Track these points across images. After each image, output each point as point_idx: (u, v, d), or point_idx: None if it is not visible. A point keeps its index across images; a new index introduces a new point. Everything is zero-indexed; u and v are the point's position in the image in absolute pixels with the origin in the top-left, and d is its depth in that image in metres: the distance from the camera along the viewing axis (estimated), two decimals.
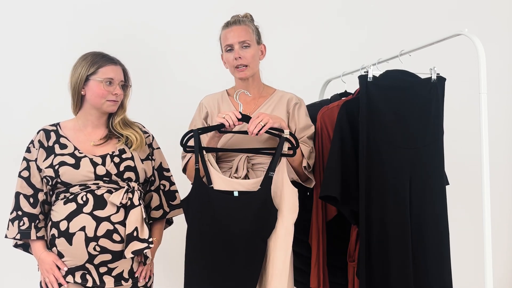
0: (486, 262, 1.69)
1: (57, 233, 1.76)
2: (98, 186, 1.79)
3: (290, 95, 2.05)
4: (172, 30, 2.88)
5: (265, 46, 2.05)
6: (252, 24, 2.01)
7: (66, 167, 1.78)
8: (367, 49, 2.97)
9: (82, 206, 1.75)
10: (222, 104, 2.04)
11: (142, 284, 1.87)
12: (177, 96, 2.85)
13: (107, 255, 1.75)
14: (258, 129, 1.76)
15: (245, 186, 1.82)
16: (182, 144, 1.86)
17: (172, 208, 1.99)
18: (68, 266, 1.76)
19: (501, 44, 3.27)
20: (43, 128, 1.90)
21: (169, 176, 2.02)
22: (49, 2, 2.74)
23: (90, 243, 1.73)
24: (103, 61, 1.85)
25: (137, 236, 1.76)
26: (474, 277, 2.80)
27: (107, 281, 1.77)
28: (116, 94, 1.85)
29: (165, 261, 2.76)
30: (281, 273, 1.78)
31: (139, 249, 1.75)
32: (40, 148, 1.85)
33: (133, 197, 1.80)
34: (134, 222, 1.77)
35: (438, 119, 1.94)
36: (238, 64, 1.95)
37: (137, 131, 1.92)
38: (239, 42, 1.95)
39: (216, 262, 1.78)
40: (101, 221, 1.74)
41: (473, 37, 1.74)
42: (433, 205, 1.89)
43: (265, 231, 1.80)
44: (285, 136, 1.81)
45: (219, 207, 1.78)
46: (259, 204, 1.77)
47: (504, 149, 3.27)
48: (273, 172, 1.80)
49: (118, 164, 1.82)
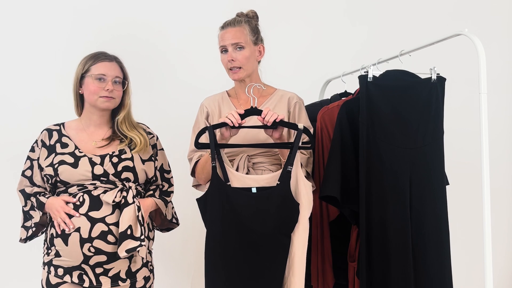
0: (486, 262, 1.69)
1: (55, 233, 1.78)
2: (95, 187, 1.79)
3: (291, 94, 2.05)
4: (172, 29, 2.88)
5: (263, 46, 2.04)
6: (248, 25, 1.99)
7: (65, 166, 1.79)
8: (367, 49, 2.97)
9: (78, 207, 1.76)
10: (222, 104, 2.04)
11: (141, 285, 1.86)
12: (179, 96, 2.86)
13: (102, 256, 1.75)
14: (274, 118, 1.75)
15: (260, 182, 1.79)
16: (196, 141, 1.82)
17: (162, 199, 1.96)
18: (65, 266, 1.76)
19: (501, 44, 3.28)
20: (46, 128, 1.92)
21: (169, 178, 2.03)
22: (50, 2, 2.74)
23: (84, 244, 1.73)
24: (96, 59, 1.86)
25: (131, 234, 1.75)
26: (474, 277, 2.80)
27: (104, 281, 1.77)
28: (108, 90, 1.84)
29: (165, 261, 2.77)
30: (300, 269, 1.77)
31: (133, 247, 1.74)
32: (42, 147, 1.87)
33: (128, 195, 1.79)
34: (127, 221, 1.76)
35: (438, 119, 1.94)
36: (231, 66, 1.96)
37: (141, 133, 1.92)
38: (232, 44, 1.95)
39: (239, 262, 1.75)
40: (95, 222, 1.74)
41: (473, 37, 1.74)
42: (433, 205, 1.89)
43: (289, 226, 1.78)
44: (301, 129, 1.79)
45: (239, 204, 1.75)
46: (280, 199, 1.75)
47: (504, 149, 3.27)
48: (291, 166, 1.77)
49: (116, 164, 1.82)
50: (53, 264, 1.78)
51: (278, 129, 1.82)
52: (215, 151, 1.78)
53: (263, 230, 1.74)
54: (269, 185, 1.78)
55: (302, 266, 1.78)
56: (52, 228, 1.80)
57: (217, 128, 1.81)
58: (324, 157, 2.03)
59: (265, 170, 1.92)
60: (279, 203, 1.75)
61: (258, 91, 2.02)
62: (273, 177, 1.79)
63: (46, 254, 1.82)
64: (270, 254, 1.76)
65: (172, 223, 2.05)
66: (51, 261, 1.79)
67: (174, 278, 2.85)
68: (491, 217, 1.70)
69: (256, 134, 1.90)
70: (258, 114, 1.80)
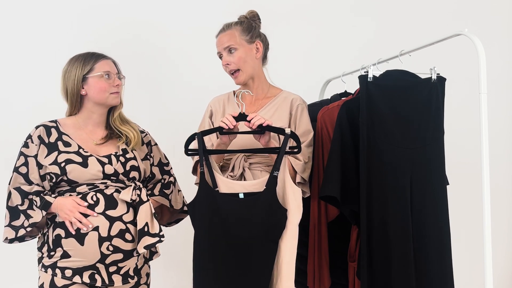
0: (486, 262, 1.69)
1: (64, 233, 1.75)
2: (106, 186, 1.80)
3: (295, 96, 2.04)
4: (173, 29, 2.88)
5: (260, 42, 2.02)
6: (239, 25, 1.99)
7: (73, 165, 1.78)
8: (367, 49, 2.97)
9: (93, 206, 1.75)
10: (227, 104, 2.05)
11: (144, 281, 1.90)
12: (179, 92, 2.86)
13: (119, 255, 1.77)
14: (260, 122, 1.76)
15: (248, 187, 1.80)
16: (185, 148, 1.85)
17: (162, 194, 1.97)
18: (75, 266, 1.75)
19: (501, 44, 3.28)
20: (42, 124, 1.87)
21: (168, 170, 2.04)
22: (51, 3, 2.74)
23: (103, 243, 1.74)
24: (96, 58, 1.87)
25: (148, 231, 1.79)
26: (474, 277, 2.80)
27: (116, 279, 1.79)
28: (118, 85, 1.88)
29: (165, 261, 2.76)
30: (288, 276, 1.76)
31: (151, 243, 1.78)
32: (40, 144, 1.82)
33: (141, 193, 1.83)
34: (144, 218, 1.79)
35: (439, 119, 1.94)
36: (229, 70, 1.98)
37: (133, 127, 1.94)
38: (224, 48, 1.98)
39: (226, 268, 1.75)
40: (114, 221, 1.76)
41: (473, 37, 1.74)
42: (434, 205, 1.89)
43: (276, 232, 1.77)
44: (288, 133, 1.79)
45: (226, 210, 1.75)
46: (267, 205, 1.75)
47: (504, 149, 3.27)
48: (277, 171, 1.77)
49: (124, 164, 1.84)
50: (59, 266, 1.76)
51: (265, 135, 1.82)
52: (203, 157, 1.79)
53: (249, 236, 1.74)
54: (256, 190, 1.78)
55: (290, 273, 1.77)
56: (57, 229, 1.76)
57: (207, 134, 1.84)
58: (324, 157, 2.03)
59: (262, 171, 1.93)
60: (265, 209, 1.75)
61: (263, 91, 2.02)
62: (261, 182, 1.79)
63: (47, 257, 1.78)
64: (256, 260, 1.75)
65: (183, 213, 2.06)
66: (55, 263, 1.76)
67: (174, 278, 2.85)
68: (491, 217, 1.70)
69: (248, 138, 1.90)
70: (245, 119, 1.81)
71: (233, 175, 1.91)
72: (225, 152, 1.90)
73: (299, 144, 1.82)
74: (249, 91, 1.95)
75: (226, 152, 1.90)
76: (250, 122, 1.78)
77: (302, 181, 1.92)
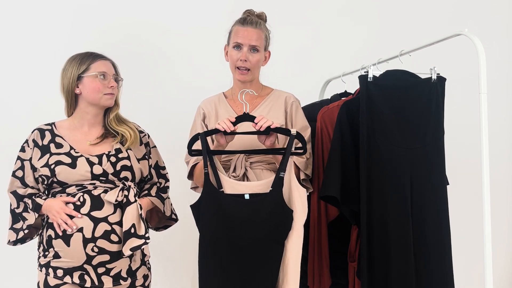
0: (486, 262, 1.69)
1: (53, 234, 1.77)
2: (95, 186, 1.79)
3: (288, 94, 2.04)
4: (173, 29, 2.88)
5: (270, 52, 2.04)
6: (265, 29, 2.00)
7: (62, 166, 1.78)
8: (367, 49, 2.97)
9: (79, 207, 1.75)
10: (219, 106, 2.03)
11: (141, 283, 1.87)
12: (178, 93, 2.86)
13: (105, 256, 1.75)
14: (269, 124, 1.74)
15: (253, 188, 1.78)
16: (188, 149, 1.83)
17: (159, 197, 1.95)
18: (65, 267, 1.76)
19: (501, 44, 3.27)
20: (38, 128, 1.89)
21: (164, 174, 2.03)
22: (49, 3, 2.74)
23: (88, 244, 1.73)
24: (93, 58, 1.86)
25: (134, 232, 1.76)
26: (474, 277, 2.80)
27: (106, 281, 1.77)
28: (112, 86, 1.86)
29: (165, 261, 2.77)
30: (294, 277, 1.75)
31: (137, 245, 1.75)
32: (34, 148, 1.84)
33: (129, 194, 1.80)
34: (130, 219, 1.76)
35: (439, 119, 1.94)
36: (241, 66, 1.94)
37: (131, 127, 1.92)
38: (250, 44, 1.93)
39: (231, 269, 1.74)
40: (98, 222, 1.75)
41: (473, 37, 1.75)
42: (434, 205, 1.89)
43: (282, 233, 1.76)
44: (294, 134, 1.77)
45: (232, 212, 1.73)
46: (273, 206, 1.73)
47: (504, 148, 3.27)
48: (284, 172, 1.75)
49: (114, 164, 1.82)
50: (52, 265, 1.77)
51: (270, 137, 1.80)
52: (208, 157, 1.77)
53: (255, 237, 1.73)
54: (262, 191, 1.77)
55: (296, 273, 1.76)
56: (49, 230, 1.78)
57: (209, 135, 1.82)
58: (324, 157, 2.03)
59: (263, 169, 1.92)
60: (271, 210, 1.73)
61: (251, 96, 2.01)
62: (267, 183, 1.78)
63: (42, 256, 1.81)
64: (262, 261, 1.74)
65: (171, 220, 2.05)
66: (49, 263, 1.78)
67: (174, 278, 2.85)
68: (491, 217, 1.70)
69: (250, 138, 1.89)
70: (251, 120, 1.79)
71: (235, 175, 1.90)
72: (230, 153, 1.89)
73: (304, 145, 1.81)
74: (253, 91, 1.94)
75: (231, 152, 1.88)
76: (257, 125, 1.76)
77: (306, 177, 1.93)
